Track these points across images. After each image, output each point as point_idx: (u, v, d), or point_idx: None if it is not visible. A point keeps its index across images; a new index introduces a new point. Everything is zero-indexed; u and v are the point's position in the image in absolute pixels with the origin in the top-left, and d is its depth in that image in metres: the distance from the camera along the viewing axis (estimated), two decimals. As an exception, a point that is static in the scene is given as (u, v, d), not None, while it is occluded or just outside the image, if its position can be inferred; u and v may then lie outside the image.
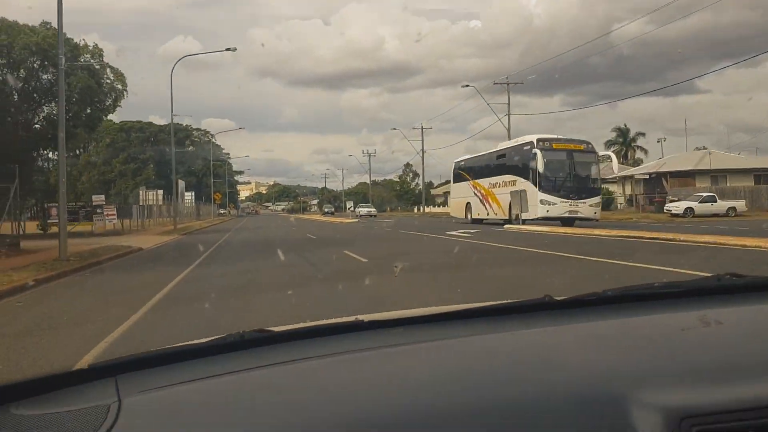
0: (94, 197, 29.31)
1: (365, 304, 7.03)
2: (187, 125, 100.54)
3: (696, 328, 1.25)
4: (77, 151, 27.92)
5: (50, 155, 28.35)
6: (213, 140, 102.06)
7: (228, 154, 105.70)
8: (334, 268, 12.13)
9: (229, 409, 0.95)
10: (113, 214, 28.17)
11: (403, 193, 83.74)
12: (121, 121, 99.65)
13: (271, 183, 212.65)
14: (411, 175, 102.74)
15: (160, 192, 41.55)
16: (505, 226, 24.64)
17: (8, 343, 5.89)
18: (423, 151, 64.24)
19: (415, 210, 77.34)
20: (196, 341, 1.22)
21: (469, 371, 1.07)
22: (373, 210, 64.77)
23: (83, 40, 23.82)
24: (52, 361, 4.99)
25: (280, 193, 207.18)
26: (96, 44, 24.83)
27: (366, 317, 1.32)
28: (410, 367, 1.11)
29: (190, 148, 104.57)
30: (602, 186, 29.57)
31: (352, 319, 1.32)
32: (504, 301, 1.43)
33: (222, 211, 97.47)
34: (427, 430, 0.87)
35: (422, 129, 65.07)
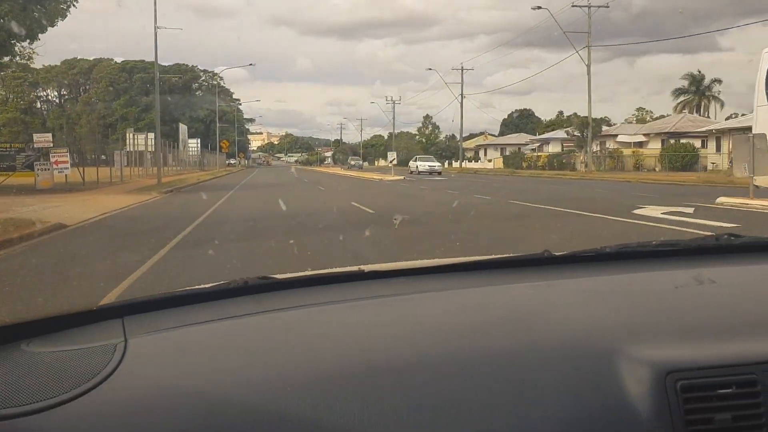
0: (36, 137, 21.88)
1: None
2: (193, 66, 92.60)
3: (689, 286, 1.25)
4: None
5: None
6: (221, 83, 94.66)
7: (238, 100, 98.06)
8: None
9: (232, 352, 0.98)
10: (65, 162, 20.50)
11: (429, 146, 75.98)
12: (123, 61, 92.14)
13: (283, 134, 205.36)
14: (430, 127, 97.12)
15: (151, 135, 34.31)
16: None
17: None
18: (462, 96, 56.18)
19: (447, 165, 69.31)
20: (201, 286, 1.24)
21: (463, 321, 1.10)
22: (437, 165, 45.97)
23: None
24: None
25: (293, 143, 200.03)
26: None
27: (367, 267, 1.34)
28: (407, 316, 1.14)
29: (198, 92, 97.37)
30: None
31: (354, 268, 1.34)
32: (503, 255, 1.44)
33: (231, 162, 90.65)
34: (421, 376, 0.90)
35: (462, 70, 56.80)
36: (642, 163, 41.92)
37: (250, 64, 71.83)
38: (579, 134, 39.80)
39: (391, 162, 42.81)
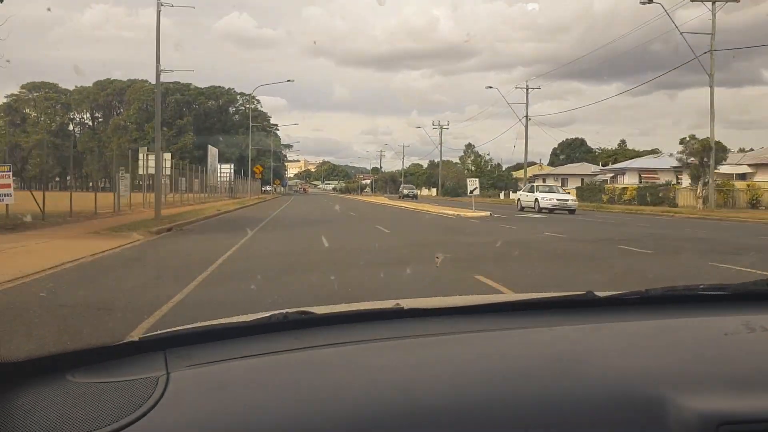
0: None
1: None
2: (229, 89, 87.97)
3: (740, 333, 1.20)
4: None
5: None
6: (258, 106, 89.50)
7: (276, 125, 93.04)
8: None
9: (272, 389, 0.99)
10: (7, 186, 13.31)
11: (479, 174, 68.98)
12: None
13: (320, 161, 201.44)
14: (473, 156, 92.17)
15: (168, 156, 28.21)
16: None
17: None
18: (527, 117, 49.06)
19: (501, 196, 62.06)
20: (241, 319, 1.26)
21: (504, 364, 1.08)
22: (570, 199, 29.38)
23: None
24: None
25: (330, 171, 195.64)
26: None
27: (406, 303, 1.33)
28: (447, 357, 1.12)
29: (236, 116, 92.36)
30: None
31: (392, 304, 1.33)
32: (546, 295, 1.41)
33: (267, 189, 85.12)
34: (460, 420, 0.88)
35: (527, 89, 49.78)
36: (760, 198, 34.09)
37: (289, 80, 66.82)
38: (696, 161, 31.88)
39: (472, 192, 30.12)
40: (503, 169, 78.20)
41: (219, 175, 59.09)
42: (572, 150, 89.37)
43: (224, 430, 0.87)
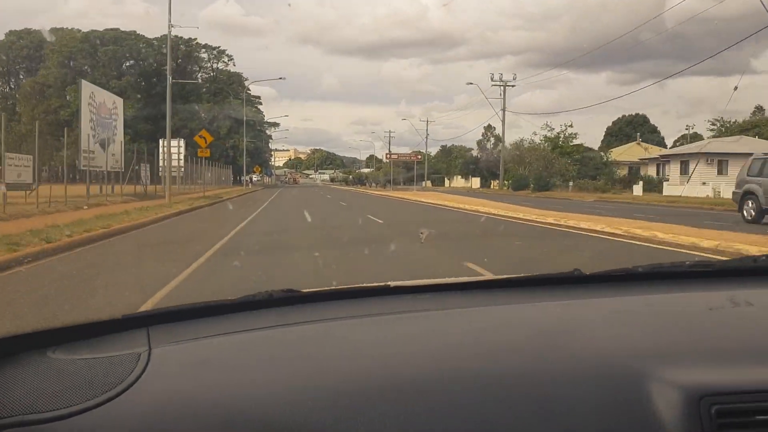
0: None
1: None
2: (190, 38, 64.65)
3: (724, 308, 1.22)
4: None
5: None
6: (231, 64, 66.35)
7: (259, 97, 70.18)
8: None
9: (254, 364, 0.99)
10: None
11: (563, 155, 46.36)
12: (90, 30, 64.36)
13: (311, 150, 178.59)
14: (492, 139, 75.78)
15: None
16: None
17: None
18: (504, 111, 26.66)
19: (639, 191, 36.59)
20: (226, 298, 1.23)
21: (489, 339, 1.07)
22: None
23: None
24: None
25: (323, 159, 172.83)
26: None
27: (393, 283, 1.31)
28: (432, 332, 1.11)
29: (198, 75, 69.03)
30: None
31: (380, 284, 1.32)
32: (531, 274, 1.41)
33: (253, 178, 62.66)
34: (447, 394, 0.88)
35: (504, 85, 27.28)
36: None
37: (281, 78, 46.54)
38: None
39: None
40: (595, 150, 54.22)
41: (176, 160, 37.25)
42: (633, 129, 68.84)
43: (206, 404, 0.87)
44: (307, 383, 0.91)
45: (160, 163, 39.15)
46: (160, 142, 29.60)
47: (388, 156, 46.91)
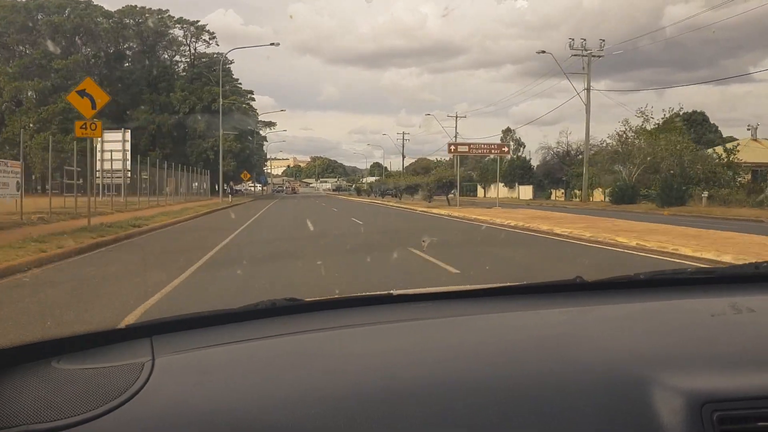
0: None
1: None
2: (160, 9, 51.07)
3: (726, 315, 1.21)
4: None
5: None
6: (214, 44, 53.18)
7: (251, 92, 57.37)
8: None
9: (257, 373, 0.98)
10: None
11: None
12: None
13: (311, 158, 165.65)
14: (514, 143, 66.88)
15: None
16: None
17: None
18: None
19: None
20: (229, 308, 1.23)
21: (491, 346, 1.07)
22: None
23: None
24: None
25: (325, 167, 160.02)
26: None
27: (396, 291, 1.31)
28: (433, 340, 1.11)
29: (164, 56, 55.57)
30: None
31: (383, 292, 1.31)
32: (533, 282, 1.43)
33: (239, 188, 50.24)
34: (450, 402, 0.87)
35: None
36: None
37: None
38: None
39: None
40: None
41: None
42: (689, 127, 56.80)
43: (209, 414, 0.87)
44: (310, 392, 0.90)
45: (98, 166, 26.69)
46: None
47: (452, 149, 32.40)
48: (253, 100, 56.53)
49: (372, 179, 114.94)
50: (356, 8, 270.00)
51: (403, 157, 78.95)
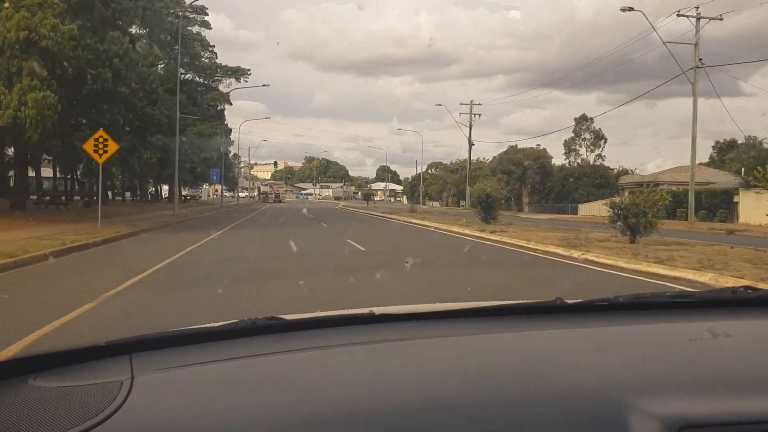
0: None
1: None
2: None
3: (704, 339, 1.23)
4: None
5: None
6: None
7: (205, 7, 32.98)
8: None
9: (237, 392, 0.97)
10: None
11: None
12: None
13: (304, 160, 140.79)
14: (591, 136, 66.16)
15: None
16: None
17: None
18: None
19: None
20: (209, 325, 1.22)
21: (472, 367, 1.07)
22: None
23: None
24: None
25: (323, 170, 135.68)
26: None
27: (378, 310, 1.31)
28: (415, 360, 1.11)
29: (133, 49, 29.16)
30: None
31: (364, 311, 1.31)
32: (515, 302, 1.43)
33: (242, 194, 33.44)
34: (431, 422, 0.88)
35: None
36: None
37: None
38: None
39: None
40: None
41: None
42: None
43: None
44: (291, 413, 0.89)
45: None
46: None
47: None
48: (207, 19, 32.76)
49: (382, 185, 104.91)
50: (349, 16, 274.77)
51: (471, 145, 58.27)
